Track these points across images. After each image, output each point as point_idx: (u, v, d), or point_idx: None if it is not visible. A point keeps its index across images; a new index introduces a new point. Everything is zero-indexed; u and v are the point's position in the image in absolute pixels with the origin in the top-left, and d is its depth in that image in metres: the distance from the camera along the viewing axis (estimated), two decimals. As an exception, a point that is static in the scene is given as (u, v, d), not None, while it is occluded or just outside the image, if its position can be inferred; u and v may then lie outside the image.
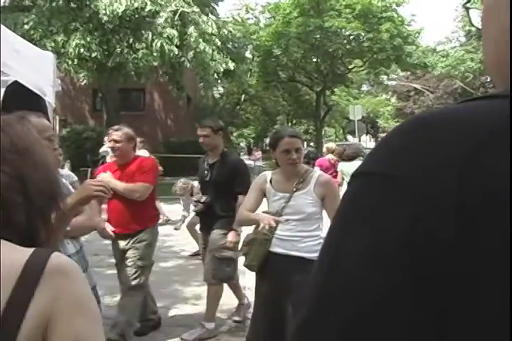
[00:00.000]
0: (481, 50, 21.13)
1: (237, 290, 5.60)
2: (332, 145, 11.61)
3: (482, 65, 32.13)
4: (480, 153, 0.52)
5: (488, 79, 41.63)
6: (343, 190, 10.45)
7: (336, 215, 0.62)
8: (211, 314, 5.09)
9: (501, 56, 0.66)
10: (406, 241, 0.53)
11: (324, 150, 11.47)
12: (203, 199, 5.06)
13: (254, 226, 3.74)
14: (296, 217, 3.56)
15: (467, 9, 0.89)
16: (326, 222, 3.77)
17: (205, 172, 5.13)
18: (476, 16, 0.83)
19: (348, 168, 9.53)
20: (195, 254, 8.23)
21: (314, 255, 3.50)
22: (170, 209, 12.28)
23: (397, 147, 0.58)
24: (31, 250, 1.03)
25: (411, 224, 0.53)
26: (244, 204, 3.73)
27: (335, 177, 9.39)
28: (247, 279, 7.19)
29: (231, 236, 4.87)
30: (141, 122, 21.66)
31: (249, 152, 70.18)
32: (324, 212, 3.70)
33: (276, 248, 3.55)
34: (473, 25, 0.85)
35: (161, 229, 5.34)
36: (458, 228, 0.51)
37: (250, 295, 6.36)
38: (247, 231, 4.39)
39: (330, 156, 10.69)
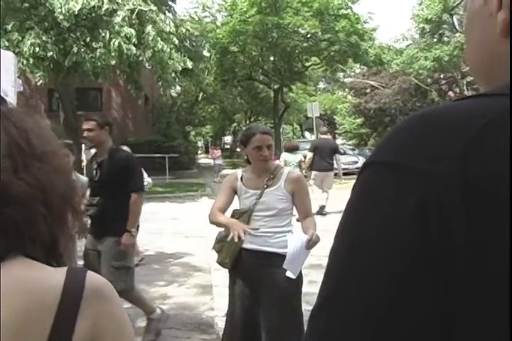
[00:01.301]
0: (433, 48, 21.64)
1: (141, 302, 5.00)
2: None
3: (435, 62, 32.72)
4: (480, 139, 0.57)
5: (442, 76, 42.45)
6: None
7: (352, 200, 0.66)
8: (148, 308, 4.94)
9: (482, 61, 0.74)
10: (418, 219, 0.58)
11: None
12: (95, 201, 4.70)
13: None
14: (268, 213, 3.61)
15: (451, 15, 0.93)
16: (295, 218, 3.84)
17: (94, 171, 4.79)
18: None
19: (289, 157, 12.28)
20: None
21: (286, 250, 3.54)
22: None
23: (404, 140, 0.64)
24: (64, 270, 0.97)
25: (422, 205, 0.58)
26: (215, 202, 3.75)
27: None
28: (214, 277, 7.24)
29: (125, 239, 4.64)
30: (99, 122, 21.35)
31: (207, 150, 70.10)
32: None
33: (248, 244, 3.58)
34: (457, 30, 0.90)
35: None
36: (465, 204, 0.55)
37: (217, 294, 6.41)
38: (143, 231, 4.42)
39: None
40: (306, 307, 3.70)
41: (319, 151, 12.96)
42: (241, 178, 3.76)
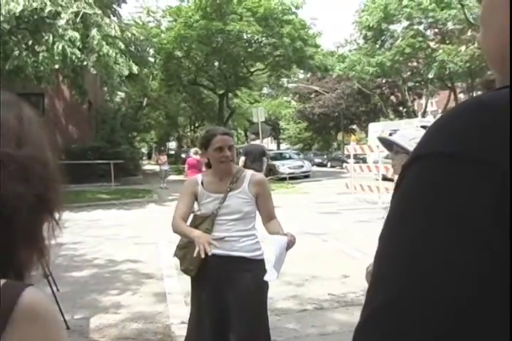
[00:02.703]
0: (376, 54, 22.03)
1: None
2: (196, 149, 14.73)
3: (378, 68, 33.36)
4: None
5: (384, 81, 43.31)
6: None
7: (407, 196, 0.60)
8: None
9: (503, 51, 0.68)
10: (493, 212, 0.53)
11: (193, 151, 15.29)
12: None
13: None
14: (233, 217, 3.53)
15: (462, 6, 0.90)
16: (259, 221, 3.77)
17: None
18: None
19: None
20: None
21: (253, 254, 3.52)
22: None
23: (462, 128, 0.58)
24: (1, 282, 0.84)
25: (494, 198, 0.53)
26: (176, 210, 3.63)
27: (199, 171, 12.39)
28: (166, 284, 7.11)
29: None
30: (41, 128, 20.87)
31: (149, 157, 69.50)
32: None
33: (215, 249, 3.48)
34: (469, 22, 0.86)
35: (70, 238, 5.14)
36: None
37: (171, 301, 6.29)
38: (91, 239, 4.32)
39: (196, 156, 14.45)
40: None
41: (250, 155, 14.93)
42: (201, 183, 3.66)
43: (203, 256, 3.16)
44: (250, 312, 3.48)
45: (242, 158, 14.81)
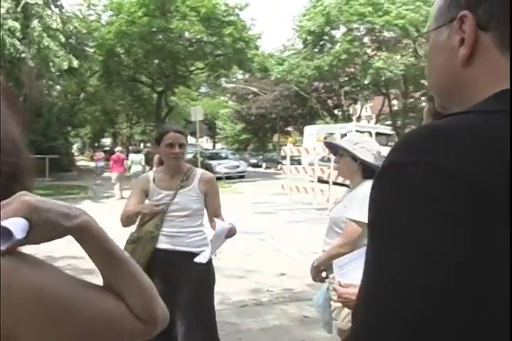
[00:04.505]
0: (315, 57, 22.31)
1: None
2: (119, 148, 20.22)
3: (316, 71, 33.81)
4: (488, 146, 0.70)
5: (321, 85, 43.93)
6: (131, 171, 18.56)
7: (390, 199, 0.73)
8: None
9: (446, 83, 0.92)
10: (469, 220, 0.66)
11: (119, 149, 20.11)
12: None
13: (136, 224, 3.75)
14: (182, 214, 3.65)
15: (414, 42, 1.13)
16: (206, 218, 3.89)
17: None
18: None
19: (134, 157, 19.22)
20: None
21: (201, 249, 3.62)
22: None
23: (424, 143, 0.74)
24: None
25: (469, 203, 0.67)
26: (126, 205, 3.72)
27: (122, 165, 18.98)
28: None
29: None
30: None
31: (82, 152, 68.15)
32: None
33: (163, 244, 3.60)
34: (417, 55, 1.10)
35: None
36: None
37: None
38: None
39: (119, 153, 19.75)
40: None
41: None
42: (153, 179, 3.76)
43: (158, 209, 3.48)
44: (197, 305, 3.60)
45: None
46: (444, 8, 0.91)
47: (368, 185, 3.25)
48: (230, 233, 3.52)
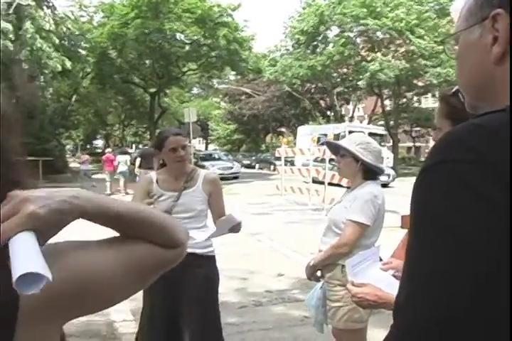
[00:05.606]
0: (308, 58, 22.35)
1: None
2: (109, 149, 23.65)
3: (309, 71, 33.81)
4: None
5: (314, 86, 43.99)
6: (118, 170, 20.39)
7: (440, 196, 0.75)
8: None
9: (478, 82, 0.94)
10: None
11: (108, 150, 22.95)
12: None
13: None
14: (187, 215, 3.60)
15: (443, 43, 1.15)
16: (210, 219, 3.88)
17: None
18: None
19: (121, 158, 20.83)
20: None
21: (205, 250, 3.62)
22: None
23: (469, 139, 0.76)
24: None
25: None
26: None
27: (112, 163, 21.13)
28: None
29: None
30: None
31: (73, 154, 67.89)
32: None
33: None
34: (448, 56, 1.11)
35: None
36: None
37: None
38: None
39: (109, 154, 22.20)
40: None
41: (144, 156, 17.45)
42: (156, 181, 3.73)
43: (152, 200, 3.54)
44: (202, 307, 3.58)
45: (138, 159, 17.83)
46: (476, 8, 0.92)
47: (369, 187, 3.30)
48: (236, 228, 3.51)
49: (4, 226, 0.76)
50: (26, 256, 0.74)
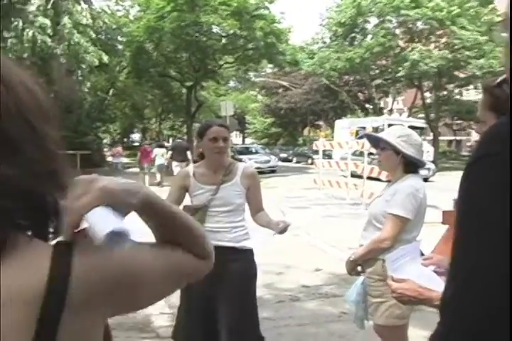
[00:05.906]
0: (346, 50, 22.35)
1: None
2: (147, 142, 24.20)
3: (347, 63, 33.55)
4: None
5: (352, 78, 43.67)
6: (155, 163, 20.81)
7: (491, 193, 0.74)
8: None
9: None
10: None
11: (145, 142, 24.03)
12: None
13: None
14: (225, 209, 3.57)
15: (489, 31, 1.05)
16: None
17: None
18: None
19: (158, 151, 20.96)
20: None
21: (242, 244, 3.59)
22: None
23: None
24: (50, 248, 0.82)
25: None
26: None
27: (148, 156, 21.10)
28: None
29: None
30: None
31: (111, 148, 68.63)
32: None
33: None
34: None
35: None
36: None
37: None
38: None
39: (146, 146, 22.89)
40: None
41: (177, 149, 19.34)
42: (193, 174, 3.67)
43: None
44: (239, 301, 3.54)
45: (170, 152, 19.51)
46: None
47: (410, 180, 3.22)
48: (282, 229, 3.44)
49: (77, 205, 0.82)
50: (107, 220, 0.81)
